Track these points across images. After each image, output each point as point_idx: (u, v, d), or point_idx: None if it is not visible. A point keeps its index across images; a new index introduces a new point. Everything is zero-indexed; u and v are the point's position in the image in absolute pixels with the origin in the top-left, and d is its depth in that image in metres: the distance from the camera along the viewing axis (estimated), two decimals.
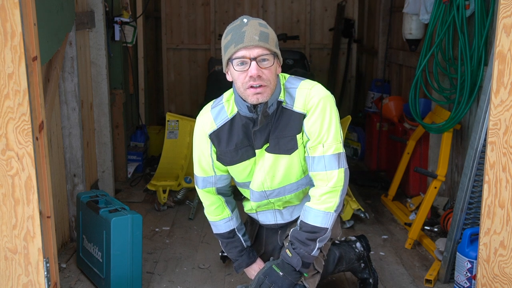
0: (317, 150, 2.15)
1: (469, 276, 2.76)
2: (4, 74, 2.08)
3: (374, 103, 5.43)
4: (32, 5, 2.11)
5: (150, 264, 3.24)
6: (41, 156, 2.21)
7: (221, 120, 2.24)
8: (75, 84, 3.41)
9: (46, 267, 2.25)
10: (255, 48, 2.01)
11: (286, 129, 2.17)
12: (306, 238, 2.19)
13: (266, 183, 2.28)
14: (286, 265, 2.22)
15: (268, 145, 2.21)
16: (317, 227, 2.18)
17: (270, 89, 2.08)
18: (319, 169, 2.16)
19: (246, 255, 2.45)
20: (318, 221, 2.17)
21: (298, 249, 2.20)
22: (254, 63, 2.01)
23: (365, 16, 6.44)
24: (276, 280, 2.21)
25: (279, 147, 2.19)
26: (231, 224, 2.44)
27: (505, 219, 2.39)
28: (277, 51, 2.09)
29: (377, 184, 4.67)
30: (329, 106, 2.14)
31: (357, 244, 2.82)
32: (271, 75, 2.06)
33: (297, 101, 2.16)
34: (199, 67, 6.86)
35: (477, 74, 3.18)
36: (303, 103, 2.15)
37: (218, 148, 2.27)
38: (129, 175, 4.85)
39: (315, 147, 2.15)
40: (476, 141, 2.83)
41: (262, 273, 2.25)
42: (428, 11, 3.78)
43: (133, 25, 4.82)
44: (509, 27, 2.26)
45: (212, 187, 2.39)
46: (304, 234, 2.19)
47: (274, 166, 2.23)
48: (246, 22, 2.04)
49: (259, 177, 2.28)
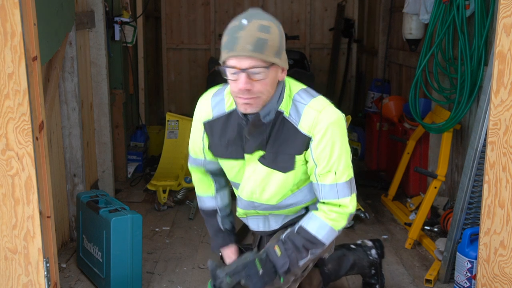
0: (328, 178, 2.00)
1: (469, 276, 2.76)
2: (4, 74, 2.08)
3: (374, 103, 5.43)
4: (32, 5, 2.11)
5: (150, 264, 3.24)
6: (41, 156, 2.21)
7: (218, 112, 2.12)
8: (75, 84, 3.41)
9: (46, 267, 2.25)
10: (247, 59, 1.80)
11: (286, 146, 2.02)
12: (303, 245, 2.03)
13: (255, 195, 2.15)
14: (269, 263, 2.03)
15: (262, 155, 2.06)
16: (317, 239, 2.02)
17: (263, 100, 1.92)
18: (330, 197, 2.02)
19: (221, 237, 2.31)
20: (321, 233, 2.02)
21: (289, 251, 2.02)
22: (243, 76, 1.82)
23: (365, 16, 6.44)
24: (253, 276, 2.02)
25: (276, 162, 2.04)
26: (214, 203, 2.33)
27: (505, 219, 2.39)
28: (276, 60, 1.86)
29: (377, 184, 4.67)
30: (339, 132, 1.98)
31: (373, 252, 2.77)
32: (265, 87, 1.87)
33: (303, 120, 1.98)
34: (199, 67, 6.86)
35: (477, 74, 3.17)
36: (310, 126, 1.97)
37: (210, 138, 2.16)
38: (129, 175, 4.85)
39: (325, 174, 2.00)
40: (476, 141, 2.83)
41: (242, 263, 2.05)
42: (428, 11, 3.78)
43: (133, 25, 4.82)
44: (509, 27, 2.26)
45: (201, 167, 2.29)
46: (302, 241, 2.03)
47: (266, 180, 2.10)
48: (244, 26, 1.82)
49: (249, 186, 2.15)
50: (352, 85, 6.79)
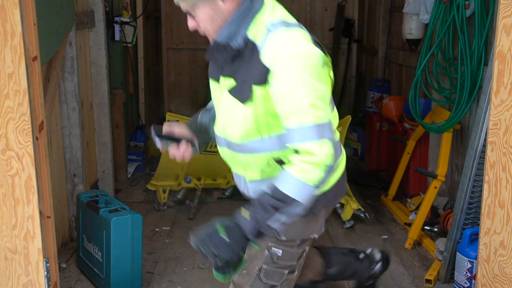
0: (292, 120, 1.78)
1: (469, 276, 2.76)
2: (4, 74, 2.08)
3: (374, 103, 5.43)
4: (32, 5, 2.11)
5: (150, 264, 3.24)
6: (41, 156, 2.21)
7: None
8: (75, 84, 3.41)
9: (46, 267, 2.25)
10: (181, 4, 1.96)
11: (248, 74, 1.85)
12: (270, 204, 1.79)
13: (226, 129, 1.99)
14: (237, 228, 1.81)
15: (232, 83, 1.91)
16: (286, 196, 1.77)
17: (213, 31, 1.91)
18: (294, 141, 1.79)
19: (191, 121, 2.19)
20: (290, 188, 1.78)
21: (257, 213, 1.80)
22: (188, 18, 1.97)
23: (365, 16, 6.44)
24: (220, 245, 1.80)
25: (239, 92, 1.88)
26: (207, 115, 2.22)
27: (505, 219, 2.39)
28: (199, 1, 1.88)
29: (377, 184, 4.68)
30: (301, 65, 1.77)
31: (377, 266, 2.72)
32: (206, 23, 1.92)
33: (266, 48, 1.80)
34: (199, 67, 6.86)
35: (477, 74, 3.18)
36: (270, 55, 1.79)
37: None
38: (129, 175, 4.85)
39: (288, 116, 1.79)
40: (476, 141, 2.84)
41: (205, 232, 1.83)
42: (428, 11, 3.78)
43: (133, 25, 4.82)
44: (509, 27, 2.26)
45: None
46: (270, 200, 1.80)
47: (231, 112, 1.93)
48: None
49: (221, 118, 2.01)
50: (352, 85, 6.79)
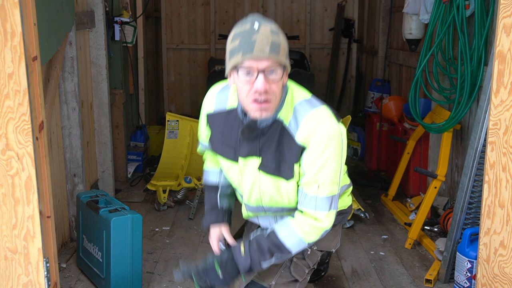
0: (311, 189, 2.00)
1: (469, 276, 2.76)
2: (4, 74, 2.08)
3: (374, 103, 5.44)
4: (32, 5, 2.11)
5: (150, 264, 3.24)
6: (41, 156, 2.21)
7: (219, 108, 2.13)
8: (75, 84, 3.41)
9: (46, 267, 2.25)
10: (265, 61, 1.84)
11: (288, 155, 2.01)
12: (268, 248, 2.04)
13: (264, 200, 2.16)
14: (231, 262, 2.06)
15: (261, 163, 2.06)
16: (284, 247, 2.03)
17: (275, 105, 1.94)
18: (308, 207, 2.02)
19: (215, 214, 2.33)
20: (290, 242, 2.04)
21: (253, 252, 2.04)
22: (261, 76, 1.84)
23: (365, 16, 6.44)
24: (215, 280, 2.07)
25: (280, 171, 2.04)
26: (217, 178, 2.35)
27: (505, 219, 2.39)
28: (287, 62, 1.92)
29: (377, 184, 4.68)
30: (333, 147, 1.97)
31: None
32: (278, 89, 1.90)
33: (301, 131, 1.98)
34: (199, 67, 6.87)
35: (477, 74, 3.18)
36: (306, 137, 1.97)
37: (211, 131, 2.17)
38: (129, 175, 4.85)
39: (309, 184, 2.00)
40: (476, 141, 2.84)
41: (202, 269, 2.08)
42: (428, 11, 3.78)
43: (133, 25, 4.82)
44: (509, 27, 2.26)
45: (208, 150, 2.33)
46: (268, 244, 2.04)
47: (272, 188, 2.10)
48: (257, 29, 1.85)
49: (255, 194, 2.15)
50: (352, 85, 6.79)
